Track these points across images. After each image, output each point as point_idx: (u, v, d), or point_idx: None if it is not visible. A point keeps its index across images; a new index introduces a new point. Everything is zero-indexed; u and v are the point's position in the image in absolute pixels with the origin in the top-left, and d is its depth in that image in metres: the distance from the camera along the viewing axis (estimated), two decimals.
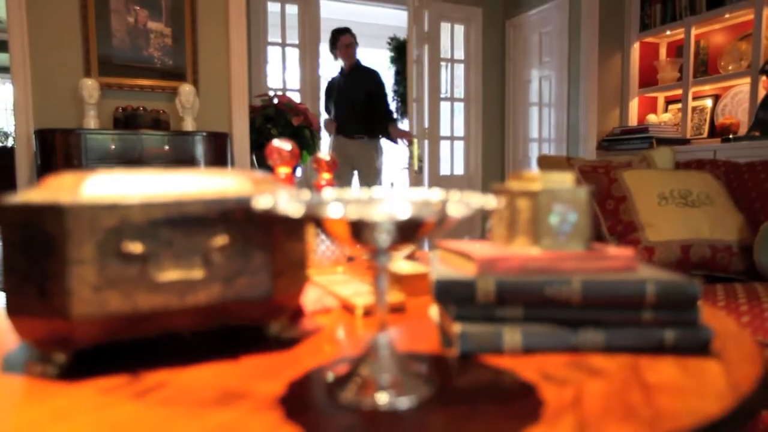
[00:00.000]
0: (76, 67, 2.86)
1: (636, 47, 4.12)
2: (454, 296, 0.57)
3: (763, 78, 3.05)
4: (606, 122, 4.16)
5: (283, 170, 1.02)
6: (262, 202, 0.43)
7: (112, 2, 2.94)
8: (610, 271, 0.60)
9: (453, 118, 4.84)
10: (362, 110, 3.90)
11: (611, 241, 1.87)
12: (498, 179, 4.89)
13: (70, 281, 0.48)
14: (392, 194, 0.51)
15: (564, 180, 0.63)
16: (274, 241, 0.57)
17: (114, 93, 2.92)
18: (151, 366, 0.51)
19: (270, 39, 4.19)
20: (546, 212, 0.61)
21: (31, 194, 0.52)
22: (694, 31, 3.69)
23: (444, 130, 4.78)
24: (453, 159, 4.86)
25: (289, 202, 0.41)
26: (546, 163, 2.38)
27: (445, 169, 4.81)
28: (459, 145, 4.88)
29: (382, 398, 0.45)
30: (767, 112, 2.90)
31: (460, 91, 4.87)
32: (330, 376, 0.50)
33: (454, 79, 4.86)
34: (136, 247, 0.50)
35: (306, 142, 3.36)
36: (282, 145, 1.01)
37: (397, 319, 0.71)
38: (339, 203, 0.49)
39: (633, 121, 4.15)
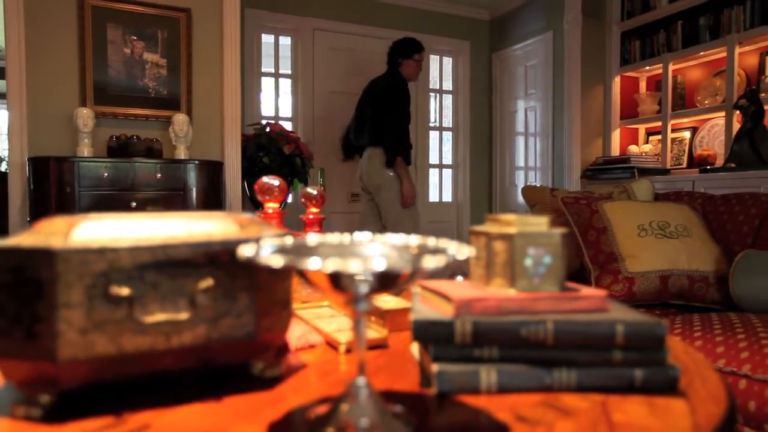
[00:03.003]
0: (72, 96, 2.88)
1: (617, 81, 4.22)
2: (432, 336, 0.58)
3: (737, 113, 3.13)
4: (589, 152, 4.23)
5: (272, 206, 1.04)
6: (245, 252, 0.44)
7: (110, 34, 2.98)
8: (582, 312, 0.62)
9: (441, 147, 4.90)
10: None
11: (593, 271, 1.89)
12: (485, 206, 4.93)
13: (57, 324, 0.49)
14: (372, 242, 0.53)
15: (539, 223, 0.65)
16: (259, 282, 0.58)
17: (108, 121, 2.93)
18: (136, 407, 0.52)
19: (263, 69, 4.24)
20: (521, 255, 0.62)
21: (23, 238, 0.53)
22: (671, 67, 3.80)
23: (433, 158, 4.83)
24: (441, 186, 4.91)
25: (270, 254, 0.43)
26: (530, 193, 2.41)
27: (433, 196, 4.85)
28: (447, 173, 4.93)
29: None
30: (742, 145, 2.97)
31: (448, 121, 4.94)
32: (310, 418, 0.50)
33: (443, 109, 4.93)
34: (123, 291, 0.51)
35: (297, 169, 3.39)
36: (270, 181, 1.03)
37: (379, 355, 0.72)
38: (318, 254, 0.51)
39: (615, 151, 4.23)
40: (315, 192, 1.15)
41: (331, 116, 4.41)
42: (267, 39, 4.29)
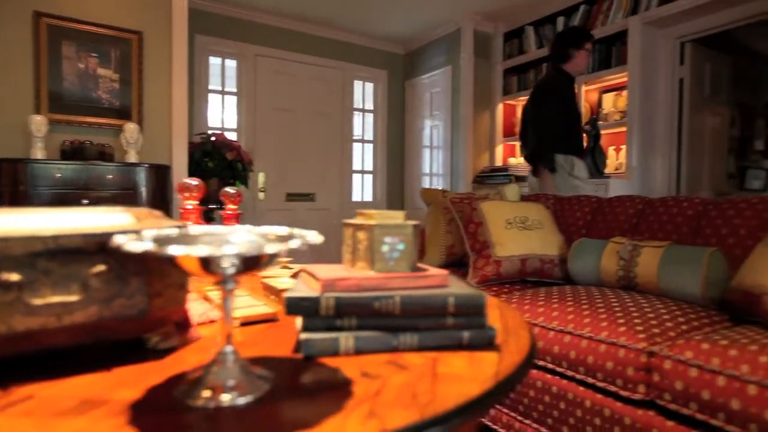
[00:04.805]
0: (27, 105, 2.61)
1: (500, 107, 4.41)
2: (302, 310, 0.58)
3: (584, 135, 3.37)
4: (479, 162, 4.40)
5: (191, 202, 0.99)
6: (117, 241, 0.42)
7: (65, 50, 2.73)
8: (428, 288, 0.64)
9: (363, 156, 4.91)
10: None
11: (472, 256, 1.97)
12: (398, 205, 5.00)
13: None
14: (245, 232, 0.51)
15: (396, 217, 0.66)
16: (151, 267, 0.55)
17: (62, 128, 2.69)
18: (24, 380, 0.48)
19: (211, 86, 4.06)
20: (379, 242, 0.63)
21: None
22: None
23: (356, 165, 4.84)
24: (363, 188, 4.92)
25: (132, 243, 0.40)
26: (427, 194, 2.47)
27: (356, 197, 4.85)
28: (368, 177, 4.95)
29: (225, 398, 0.44)
30: (587, 159, 3.20)
31: (369, 135, 4.96)
32: (185, 381, 0.49)
33: (365, 125, 4.94)
34: (12, 277, 0.47)
35: (238, 173, 3.27)
36: (189, 181, 0.98)
37: (270, 327, 0.71)
38: (196, 242, 0.49)
39: (499, 162, 4.42)
40: (233, 191, 1.11)
41: (273, 129, 4.30)
42: (215, 61, 4.10)
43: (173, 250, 0.39)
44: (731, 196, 1.61)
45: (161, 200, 2.73)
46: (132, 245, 0.39)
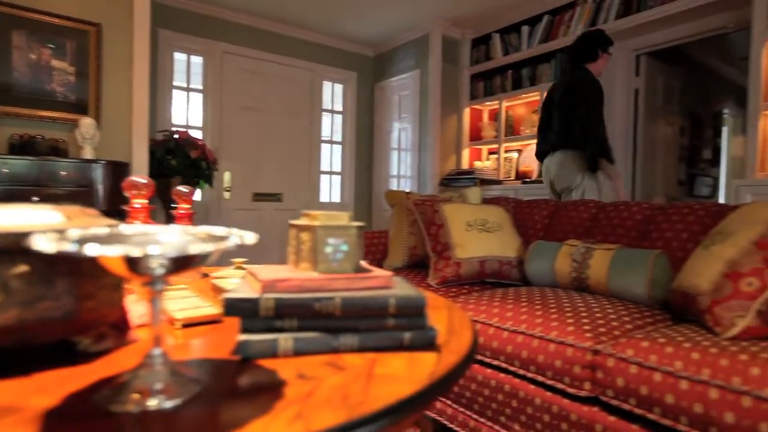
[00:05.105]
0: None
1: (467, 111, 4.48)
2: (241, 311, 0.57)
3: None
4: (446, 165, 4.45)
5: (139, 201, 0.96)
6: (32, 241, 0.40)
7: (15, 39, 2.60)
8: (371, 289, 0.64)
9: (332, 157, 4.89)
10: None
11: (433, 257, 1.98)
12: (366, 206, 5.00)
13: None
14: (178, 232, 0.50)
15: (341, 218, 0.66)
16: (82, 268, 0.53)
17: (11, 121, 2.55)
18: None
19: (176, 83, 3.94)
20: (322, 243, 0.63)
21: None
22: (504, 104, 4.11)
23: (324, 165, 4.81)
24: (331, 189, 4.90)
25: (46, 242, 0.39)
26: (391, 196, 2.48)
27: (324, 198, 4.82)
28: (336, 179, 4.93)
29: (152, 402, 0.43)
30: None
31: (338, 136, 4.94)
32: (109, 386, 0.47)
33: (334, 126, 4.92)
34: None
35: (202, 172, 3.19)
36: (137, 179, 0.95)
37: (212, 328, 0.69)
38: (127, 242, 0.47)
39: (465, 165, 4.49)
40: (185, 190, 1.08)
41: (240, 128, 4.22)
42: (180, 57, 4.00)
43: (89, 250, 0.38)
44: (676, 203, 1.69)
45: (120, 199, 2.63)
46: (46, 245, 0.38)
